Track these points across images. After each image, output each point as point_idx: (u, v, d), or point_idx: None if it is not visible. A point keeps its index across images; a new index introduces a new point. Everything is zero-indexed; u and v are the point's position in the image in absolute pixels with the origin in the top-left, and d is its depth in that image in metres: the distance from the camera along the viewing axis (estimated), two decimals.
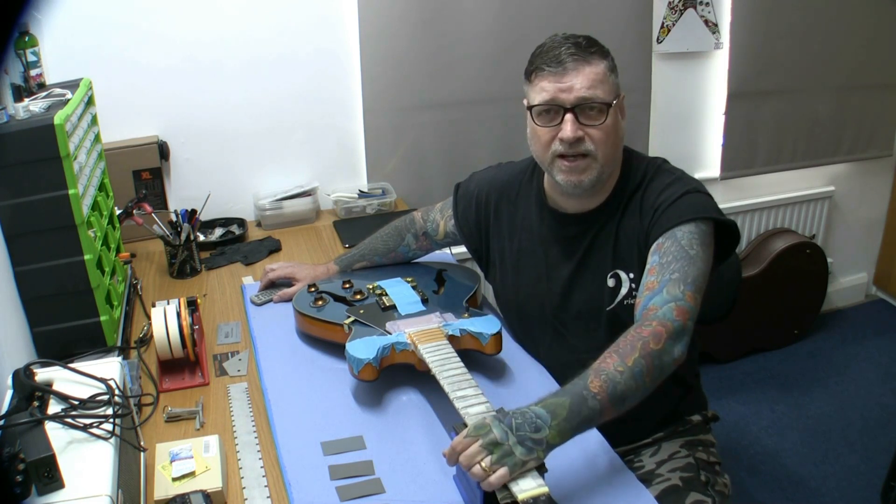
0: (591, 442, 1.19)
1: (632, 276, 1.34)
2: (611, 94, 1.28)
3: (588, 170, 1.29)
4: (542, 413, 1.02)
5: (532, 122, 1.32)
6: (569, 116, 1.26)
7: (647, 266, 1.26)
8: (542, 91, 1.28)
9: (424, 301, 1.46)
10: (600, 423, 1.09)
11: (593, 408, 1.05)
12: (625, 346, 1.13)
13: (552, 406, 1.04)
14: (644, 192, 1.33)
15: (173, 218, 1.83)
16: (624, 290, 1.35)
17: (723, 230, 1.30)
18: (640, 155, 1.40)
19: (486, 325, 1.34)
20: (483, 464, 0.97)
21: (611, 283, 1.35)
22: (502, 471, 0.96)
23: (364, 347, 1.27)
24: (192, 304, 1.44)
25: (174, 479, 1.07)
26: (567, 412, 1.03)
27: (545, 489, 0.94)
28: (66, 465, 0.86)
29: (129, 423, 1.05)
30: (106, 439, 0.94)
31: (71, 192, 1.34)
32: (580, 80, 1.25)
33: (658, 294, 1.19)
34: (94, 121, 1.67)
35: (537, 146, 1.34)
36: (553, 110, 1.28)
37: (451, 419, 1.17)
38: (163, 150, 2.03)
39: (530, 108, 1.31)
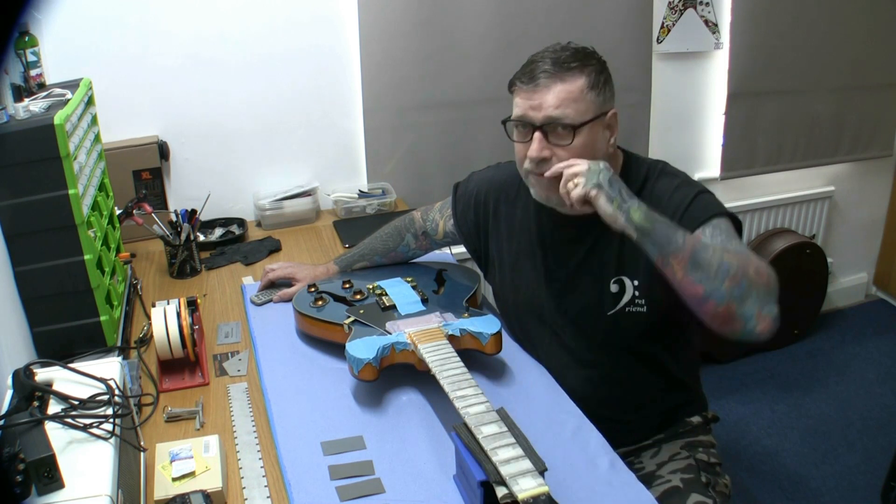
0: (592, 442, 1.19)
1: (636, 283, 1.33)
2: (585, 112, 1.24)
3: (553, 188, 1.26)
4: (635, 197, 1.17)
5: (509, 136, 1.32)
6: (536, 135, 1.25)
7: None
8: (516, 106, 1.28)
9: (424, 301, 1.46)
10: (670, 257, 1.14)
11: (677, 239, 1.14)
12: (732, 249, 1.17)
13: (646, 206, 1.16)
14: (651, 197, 1.31)
15: (173, 218, 1.83)
16: (627, 297, 1.34)
17: None
18: (640, 158, 1.39)
19: (485, 324, 1.34)
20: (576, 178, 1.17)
21: (614, 288, 1.35)
22: (581, 180, 1.16)
23: (364, 347, 1.27)
24: (192, 304, 1.44)
25: (174, 479, 1.07)
26: (657, 218, 1.15)
27: (545, 489, 0.94)
28: (66, 465, 0.86)
29: (129, 423, 1.05)
30: (106, 439, 0.93)
31: (71, 192, 1.34)
32: (550, 98, 1.23)
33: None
34: (94, 121, 1.66)
35: (516, 159, 1.34)
36: (526, 126, 1.27)
37: (451, 419, 1.17)
38: (163, 150, 2.03)
39: (504, 122, 1.31)
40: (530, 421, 1.16)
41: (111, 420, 0.96)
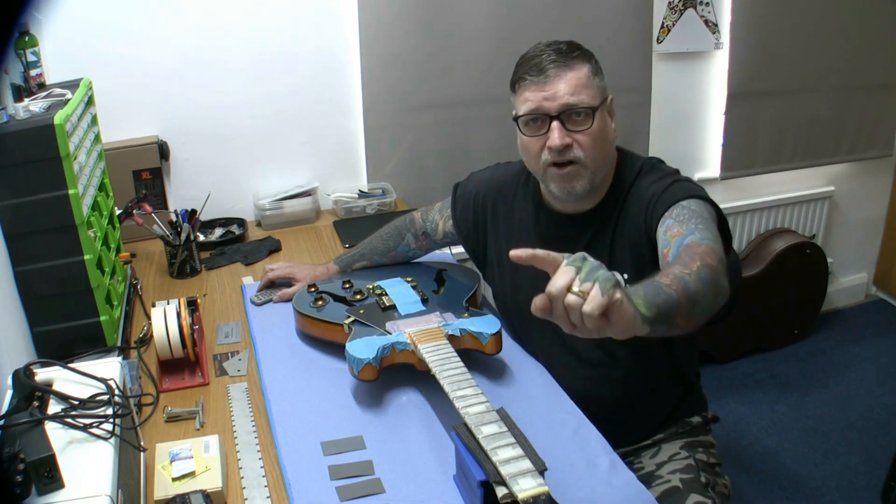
0: (592, 442, 1.19)
1: (626, 276, 1.33)
2: (596, 97, 1.27)
3: (578, 177, 1.29)
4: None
5: (520, 133, 1.32)
6: (555, 124, 1.26)
7: (662, 232, 1.20)
8: (526, 101, 1.28)
9: (424, 301, 1.46)
10: (676, 318, 0.96)
11: (670, 294, 0.95)
12: (684, 259, 1.07)
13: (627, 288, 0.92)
14: (637, 191, 1.33)
15: (173, 218, 1.83)
16: None
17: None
18: (635, 155, 1.40)
19: (486, 324, 1.34)
20: (574, 288, 0.88)
21: None
22: (594, 290, 0.85)
23: (364, 347, 1.27)
24: (192, 304, 1.44)
25: (174, 479, 1.07)
26: (642, 288, 0.95)
27: (545, 488, 0.94)
28: (66, 465, 0.86)
29: (129, 423, 1.05)
30: (106, 439, 0.93)
31: (71, 192, 1.34)
32: (563, 87, 1.25)
33: (691, 235, 1.14)
34: (94, 121, 1.66)
35: (528, 157, 1.34)
36: (540, 119, 1.28)
37: (451, 419, 1.17)
38: (163, 150, 2.03)
39: (516, 118, 1.31)
40: (530, 421, 1.17)
41: (111, 420, 0.96)
